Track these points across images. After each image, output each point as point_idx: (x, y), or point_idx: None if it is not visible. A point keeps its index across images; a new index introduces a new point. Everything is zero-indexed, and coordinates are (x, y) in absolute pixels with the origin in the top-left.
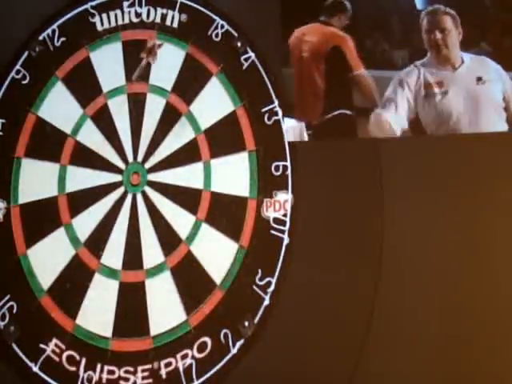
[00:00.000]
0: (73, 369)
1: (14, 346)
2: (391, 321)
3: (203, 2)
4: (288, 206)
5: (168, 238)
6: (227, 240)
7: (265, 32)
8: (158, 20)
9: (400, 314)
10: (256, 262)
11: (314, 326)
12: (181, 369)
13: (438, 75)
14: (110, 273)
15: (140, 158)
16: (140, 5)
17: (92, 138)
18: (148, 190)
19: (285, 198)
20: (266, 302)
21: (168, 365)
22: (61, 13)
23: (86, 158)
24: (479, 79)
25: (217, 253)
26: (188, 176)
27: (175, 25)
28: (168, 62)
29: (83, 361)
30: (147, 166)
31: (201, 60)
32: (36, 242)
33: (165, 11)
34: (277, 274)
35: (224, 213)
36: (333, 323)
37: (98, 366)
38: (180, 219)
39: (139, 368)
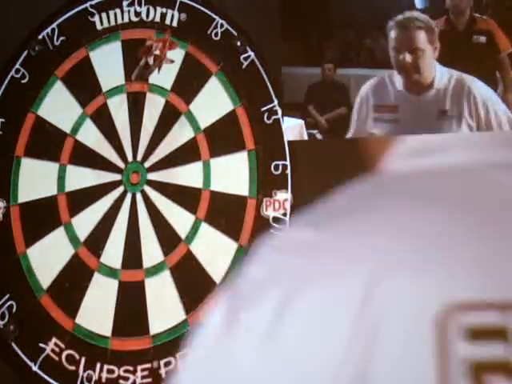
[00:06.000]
0: (72, 368)
1: (14, 346)
2: None
3: (203, 1)
4: (288, 206)
5: (167, 237)
6: (227, 239)
7: (265, 31)
8: (157, 19)
9: None
10: None
11: None
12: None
13: (396, 97)
14: (110, 272)
15: (139, 157)
16: (139, 4)
17: (91, 137)
18: (147, 189)
19: (284, 197)
20: None
21: (167, 364)
22: (60, 12)
23: (86, 157)
24: (443, 113)
25: (216, 252)
26: (187, 175)
27: (175, 24)
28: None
29: (83, 360)
30: (147, 165)
31: (200, 59)
32: (35, 242)
33: (164, 10)
34: None
35: (223, 212)
36: None
37: (98, 365)
38: (179, 218)
39: (139, 367)
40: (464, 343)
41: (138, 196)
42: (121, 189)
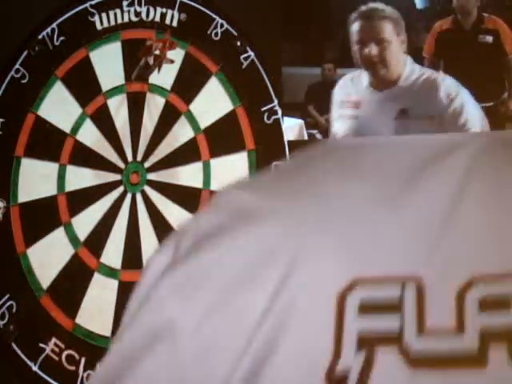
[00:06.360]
0: (72, 368)
1: (14, 346)
2: None
3: (203, 1)
4: None
5: (167, 237)
6: None
7: (265, 31)
8: (157, 19)
9: None
10: None
11: None
12: None
13: (360, 92)
14: (110, 272)
15: (139, 158)
16: (139, 4)
17: (91, 137)
18: (147, 189)
19: None
20: None
21: None
22: (60, 12)
23: (86, 157)
24: (403, 112)
25: None
26: (187, 175)
27: (175, 24)
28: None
29: (83, 360)
30: (147, 165)
31: (200, 59)
32: (36, 242)
33: (164, 10)
34: None
35: None
36: None
37: (98, 366)
38: (179, 218)
39: None
40: (360, 317)
41: (138, 196)
42: (121, 189)
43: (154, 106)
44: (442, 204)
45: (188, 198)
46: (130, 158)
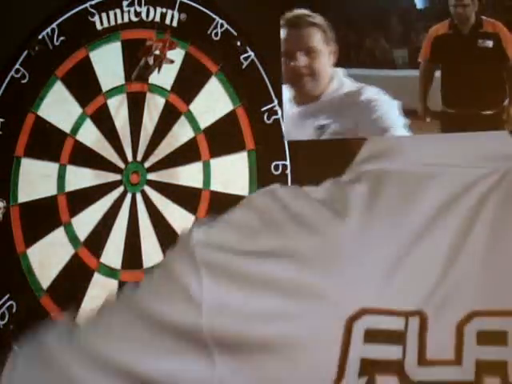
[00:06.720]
0: None
1: (14, 346)
2: None
3: (203, 1)
4: None
5: (167, 237)
6: None
7: (264, 31)
8: (157, 19)
9: None
10: None
11: None
12: None
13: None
14: (110, 272)
15: (139, 157)
16: (139, 4)
17: (91, 137)
18: (147, 189)
19: None
20: None
21: None
22: (60, 12)
23: (86, 157)
24: (322, 127)
25: None
26: (187, 175)
27: (175, 24)
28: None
29: None
30: (147, 165)
31: (200, 59)
32: (36, 242)
33: (164, 10)
34: None
35: (223, 212)
36: None
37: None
38: (179, 218)
39: None
40: (364, 344)
41: (138, 196)
42: (121, 189)
43: (154, 106)
44: (450, 242)
45: (188, 197)
46: (130, 157)
